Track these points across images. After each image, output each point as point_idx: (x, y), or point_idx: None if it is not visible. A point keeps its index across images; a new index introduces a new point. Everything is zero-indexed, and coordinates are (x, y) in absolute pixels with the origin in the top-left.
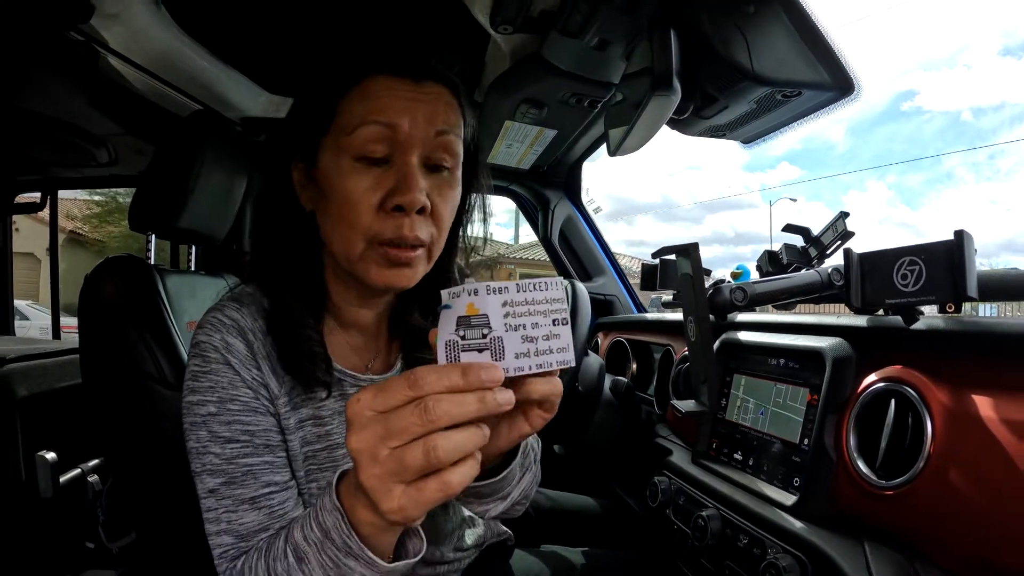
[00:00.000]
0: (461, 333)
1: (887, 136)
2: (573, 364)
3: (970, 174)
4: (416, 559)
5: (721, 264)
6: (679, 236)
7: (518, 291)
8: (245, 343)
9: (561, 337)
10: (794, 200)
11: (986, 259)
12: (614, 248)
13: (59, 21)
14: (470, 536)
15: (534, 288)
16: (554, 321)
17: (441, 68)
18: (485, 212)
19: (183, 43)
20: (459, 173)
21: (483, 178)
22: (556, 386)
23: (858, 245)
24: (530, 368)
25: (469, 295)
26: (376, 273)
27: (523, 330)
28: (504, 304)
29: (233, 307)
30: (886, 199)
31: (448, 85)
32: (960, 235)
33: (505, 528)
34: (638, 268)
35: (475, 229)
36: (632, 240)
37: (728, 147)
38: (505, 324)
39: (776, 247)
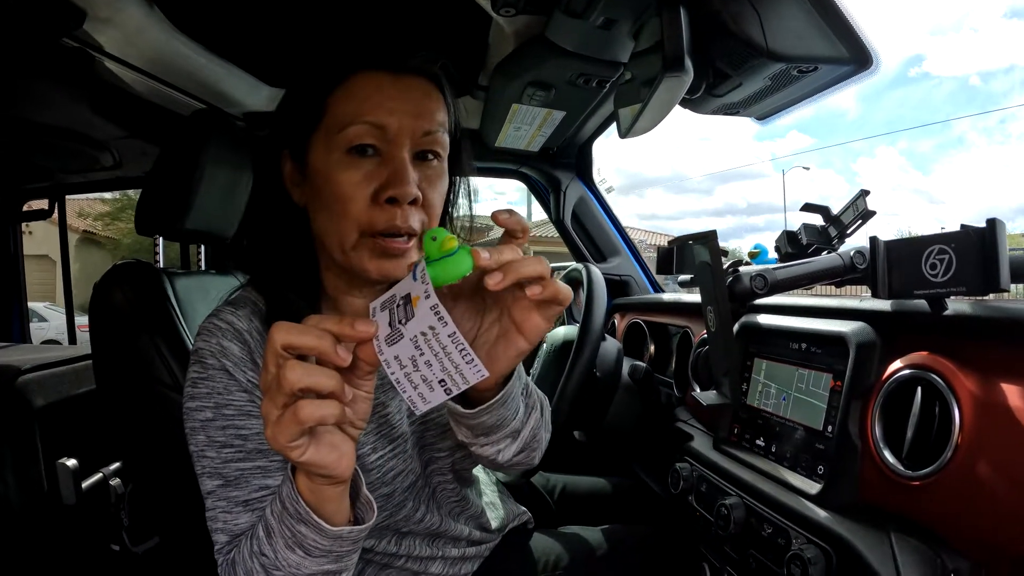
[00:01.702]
0: (397, 302)
1: (897, 102)
2: (416, 412)
3: (982, 138)
4: (365, 527)
5: (734, 235)
6: (691, 208)
7: (449, 337)
8: (241, 344)
9: (433, 392)
10: (807, 168)
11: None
12: (626, 222)
13: (51, 29)
14: (494, 519)
15: (460, 350)
16: (441, 382)
17: (422, 62)
18: (470, 195)
19: (180, 42)
20: (446, 163)
21: (466, 163)
22: (566, 290)
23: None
24: (392, 374)
25: (426, 294)
26: (370, 263)
27: (419, 354)
28: (431, 327)
29: (228, 311)
30: (898, 165)
31: (431, 78)
32: (992, 224)
33: (524, 509)
34: (651, 241)
35: (462, 211)
36: (643, 214)
37: (739, 119)
38: (416, 334)
39: (791, 216)
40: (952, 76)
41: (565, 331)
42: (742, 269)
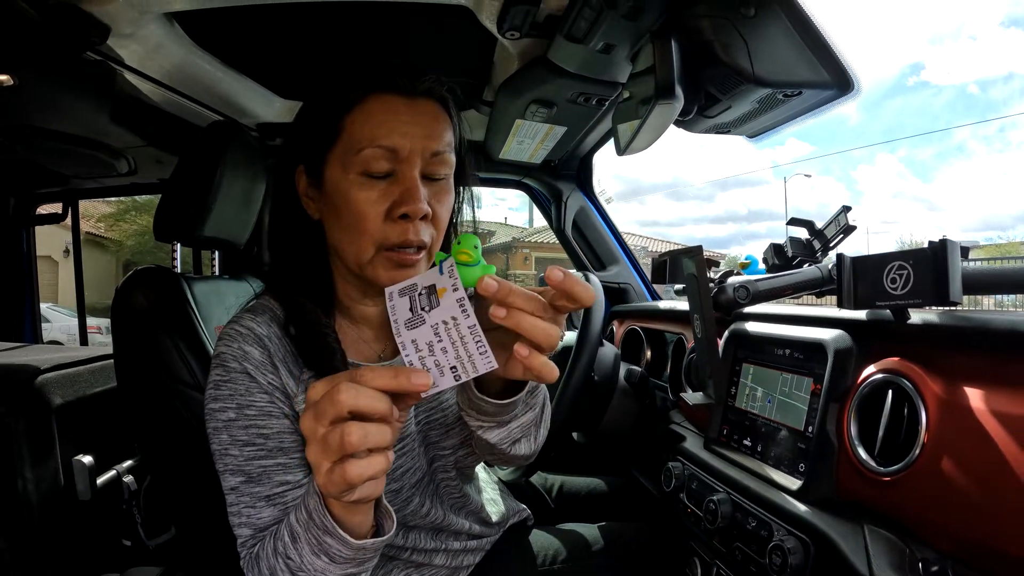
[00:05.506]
0: (419, 290)
1: (897, 110)
2: (423, 395)
3: (981, 146)
4: (386, 538)
5: (735, 242)
6: (691, 214)
7: (468, 329)
8: (261, 349)
9: (443, 376)
10: (809, 176)
11: (1002, 231)
12: (626, 229)
13: (77, 43)
14: (494, 515)
15: (476, 341)
16: (452, 368)
17: (432, 85)
18: (473, 203)
19: (197, 56)
20: (452, 179)
21: (470, 175)
22: (552, 373)
23: (873, 218)
24: (407, 356)
25: (454, 287)
26: (384, 275)
27: (437, 340)
28: (453, 318)
29: (248, 317)
30: (897, 173)
31: (439, 101)
32: (943, 243)
33: (524, 507)
34: (652, 248)
35: (465, 217)
36: (644, 220)
37: None
38: (437, 322)
39: (789, 223)
40: (951, 84)
41: (565, 336)
42: (728, 280)
